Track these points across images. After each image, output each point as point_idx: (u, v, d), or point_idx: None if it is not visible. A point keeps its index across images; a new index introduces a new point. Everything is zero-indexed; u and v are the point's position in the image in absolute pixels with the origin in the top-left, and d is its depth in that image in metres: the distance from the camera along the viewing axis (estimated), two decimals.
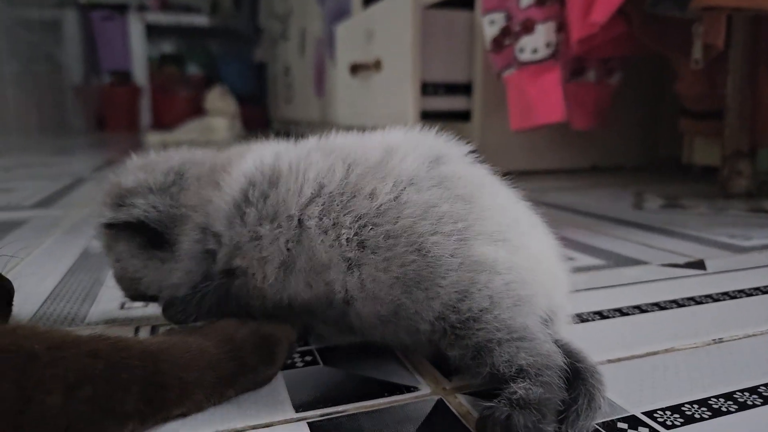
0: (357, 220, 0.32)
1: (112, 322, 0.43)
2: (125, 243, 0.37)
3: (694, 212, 0.89)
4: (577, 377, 0.30)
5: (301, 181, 0.34)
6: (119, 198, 0.37)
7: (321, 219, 0.33)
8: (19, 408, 0.22)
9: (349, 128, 0.39)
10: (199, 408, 0.30)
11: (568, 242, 0.70)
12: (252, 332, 0.33)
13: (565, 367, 0.29)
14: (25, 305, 0.43)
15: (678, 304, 0.48)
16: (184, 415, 0.29)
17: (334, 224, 0.32)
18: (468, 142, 0.38)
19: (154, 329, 0.40)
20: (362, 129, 0.38)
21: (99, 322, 0.43)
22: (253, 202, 0.34)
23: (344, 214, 0.32)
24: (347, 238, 0.32)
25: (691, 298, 0.49)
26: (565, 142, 1.36)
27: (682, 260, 0.61)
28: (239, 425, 0.29)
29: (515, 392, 0.28)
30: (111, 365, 0.25)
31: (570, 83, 1.10)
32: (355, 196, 0.33)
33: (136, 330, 0.40)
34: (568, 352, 0.31)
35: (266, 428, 0.29)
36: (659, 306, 0.47)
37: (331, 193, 0.33)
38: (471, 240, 0.31)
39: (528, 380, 0.28)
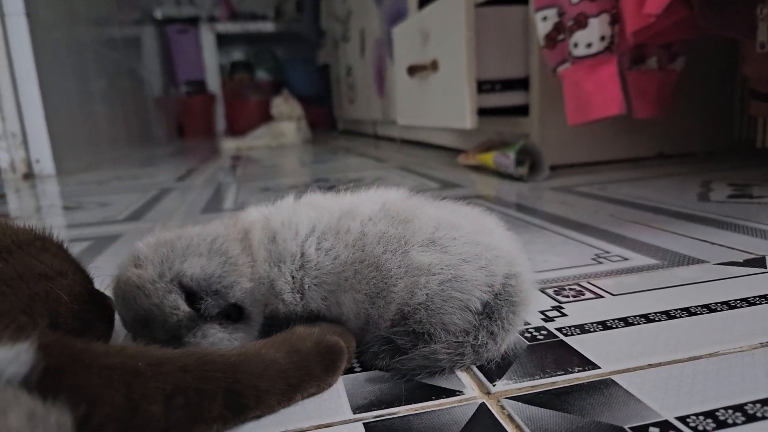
0: (345, 246, 0.41)
1: None
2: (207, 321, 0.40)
3: (764, 202, 0.85)
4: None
5: (294, 228, 0.43)
6: (192, 291, 0.39)
7: (319, 246, 0.42)
8: (128, 415, 0.28)
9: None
10: (271, 411, 0.35)
11: (624, 241, 0.70)
12: (316, 344, 0.38)
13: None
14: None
15: (729, 305, 0.48)
16: (258, 417, 0.34)
17: (332, 247, 0.42)
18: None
19: None
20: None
21: None
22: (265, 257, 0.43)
23: (336, 239, 0.42)
24: (347, 257, 0.41)
25: (745, 299, 0.49)
26: (629, 130, 1.33)
27: (742, 257, 0.60)
28: (305, 425, 0.34)
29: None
30: (198, 378, 0.31)
31: (631, 71, 1.08)
32: (338, 233, 0.42)
33: None
34: None
35: (327, 428, 0.34)
36: (709, 308, 0.48)
37: (323, 230, 0.43)
38: (410, 251, 0.40)
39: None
